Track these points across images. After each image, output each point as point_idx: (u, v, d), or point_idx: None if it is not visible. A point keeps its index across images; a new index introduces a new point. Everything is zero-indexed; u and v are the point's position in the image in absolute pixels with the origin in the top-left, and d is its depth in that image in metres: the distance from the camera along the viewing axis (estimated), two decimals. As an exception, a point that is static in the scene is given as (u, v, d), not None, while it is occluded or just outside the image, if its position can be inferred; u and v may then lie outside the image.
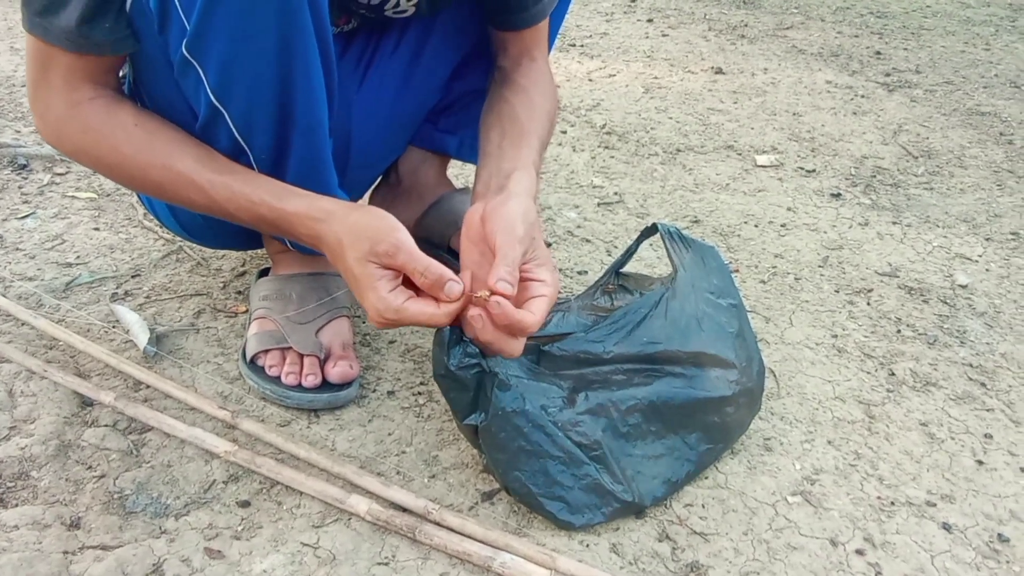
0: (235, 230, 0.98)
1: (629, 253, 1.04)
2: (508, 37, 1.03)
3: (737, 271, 1.31)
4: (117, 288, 1.16)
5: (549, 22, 1.05)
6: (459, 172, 1.50)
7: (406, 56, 1.05)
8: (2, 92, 1.81)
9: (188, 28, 0.74)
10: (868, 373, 1.10)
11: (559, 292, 0.80)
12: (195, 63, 0.77)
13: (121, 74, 0.89)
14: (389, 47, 1.04)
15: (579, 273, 1.27)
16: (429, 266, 0.74)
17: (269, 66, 0.78)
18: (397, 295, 0.75)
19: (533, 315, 0.73)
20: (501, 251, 0.75)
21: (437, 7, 0.98)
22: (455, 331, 0.81)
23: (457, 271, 0.76)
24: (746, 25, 2.63)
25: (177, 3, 0.73)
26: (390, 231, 0.76)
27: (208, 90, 0.79)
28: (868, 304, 1.25)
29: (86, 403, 0.93)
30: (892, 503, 0.88)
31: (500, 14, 0.99)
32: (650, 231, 1.01)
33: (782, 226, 1.46)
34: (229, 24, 0.73)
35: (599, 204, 1.50)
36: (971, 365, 1.13)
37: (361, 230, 0.77)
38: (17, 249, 1.24)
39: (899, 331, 1.19)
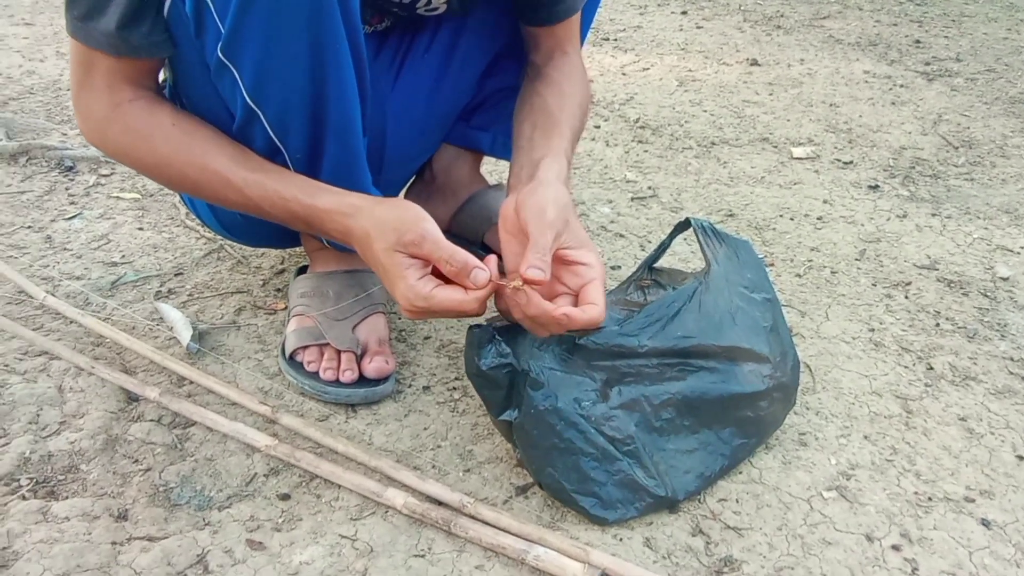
0: (273, 229, 1.00)
1: (662, 248, 1.04)
2: (540, 32, 1.03)
3: (772, 265, 1.30)
4: (161, 286, 1.19)
5: (581, 16, 1.05)
6: (492, 168, 1.51)
7: (439, 55, 1.06)
8: (48, 96, 1.85)
9: (223, 31, 0.75)
10: (906, 367, 1.08)
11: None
12: (230, 65, 0.79)
13: (162, 78, 0.91)
14: (422, 46, 1.05)
15: (613, 268, 1.27)
16: (454, 254, 0.74)
17: (302, 68, 0.79)
18: (426, 283, 0.75)
19: (596, 306, 0.75)
20: (532, 237, 0.76)
21: (469, 5, 0.99)
22: (486, 330, 0.82)
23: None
24: (782, 15, 2.59)
25: (212, 7, 0.74)
26: (416, 221, 0.77)
27: (244, 91, 0.81)
28: (906, 297, 1.23)
29: (132, 399, 0.95)
30: (929, 499, 0.87)
31: (532, 10, 0.99)
32: (683, 226, 1.01)
33: (818, 219, 1.44)
34: (262, 27, 0.75)
35: (633, 199, 1.49)
36: (1012, 359, 1.11)
37: (388, 222, 0.78)
38: (65, 249, 1.28)
39: (938, 324, 1.17)
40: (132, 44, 0.78)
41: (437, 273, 0.78)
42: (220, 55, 0.78)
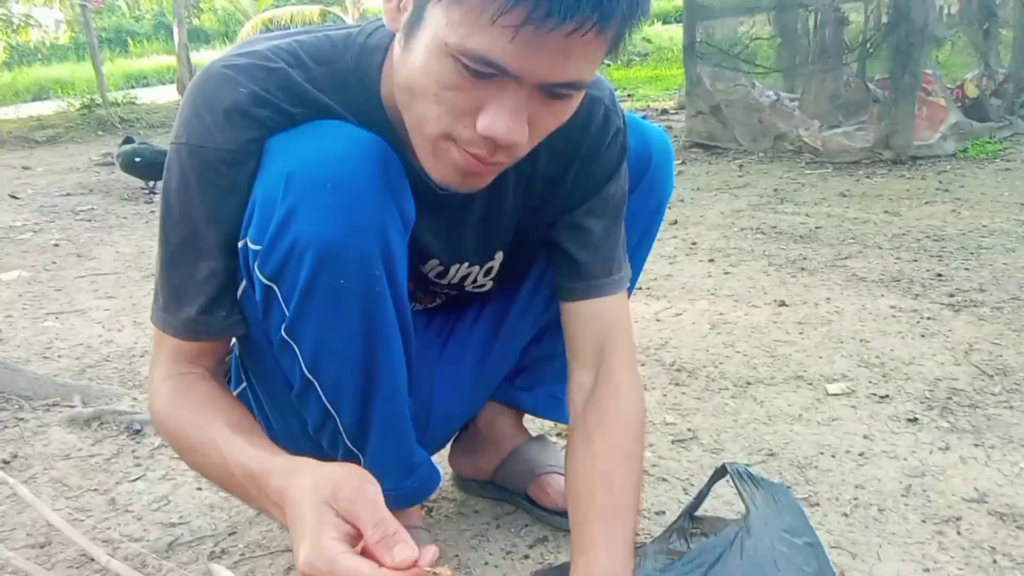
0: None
1: (702, 496, 1.05)
2: (584, 318, 0.98)
3: (818, 505, 1.28)
4: (215, 546, 1.20)
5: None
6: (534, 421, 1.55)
7: (485, 328, 1.10)
8: (123, 363, 1.97)
9: (287, 314, 0.82)
10: (968, 610, 1.03)
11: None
12: (292, 343, 0.85)
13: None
14: (469, 319, 1.11)
15: (656, 514, 1.26)
16: (387, 520, 0.67)
17: (355, 345, 0.85)
18: (337, 545, 0.65)
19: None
20: None
21: (516, 282, 1.05)
22: None
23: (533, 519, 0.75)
24: (805, 258, 2.71)
25: (279, 294, 0.81)
26: (362, 480, 0.69)
27: (302, 365, 0.86)
28: (959, 534, 1.19)
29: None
30: None
31: (578, 281, 0.97)
32: (720, 472, 1.03)
33: (860, 455, 1.43)
34: (322, 311, 0.81)
35: (673, 442, 1.50)
36: (1081, 599, 1.05)
37: (333, 476, 0.70)
38: (127, 511, 1.31)
39: (995, 561, 1.12)
40: (209, 328, 0.85)
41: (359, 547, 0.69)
42: (283, 334, 0.84)
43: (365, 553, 0.66)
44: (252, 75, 0.78)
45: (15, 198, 4.52)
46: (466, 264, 1.00)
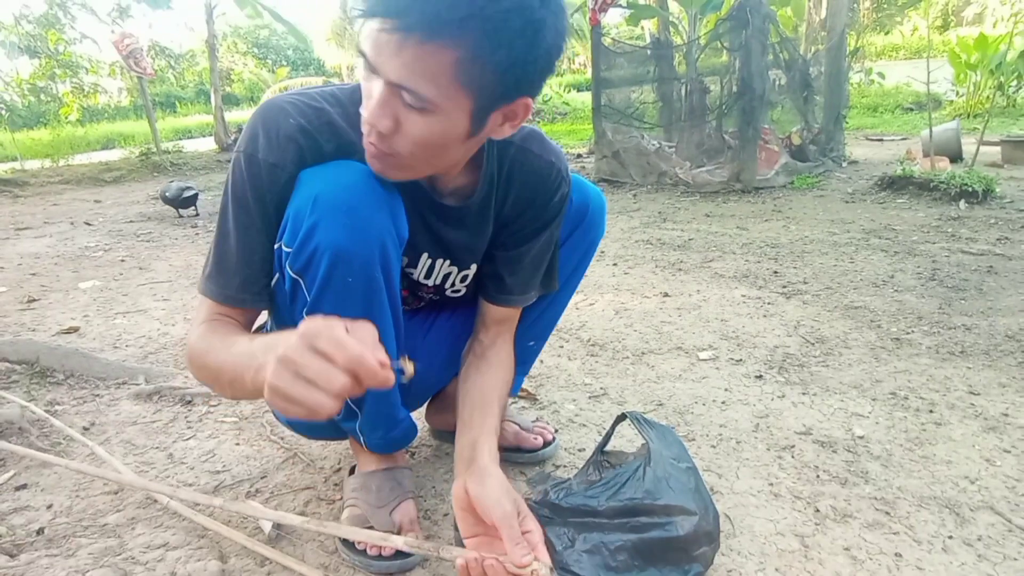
0: (322, 425, 1.01)
1: (607, 437, 1.06)
2: (496, 310, 1.01)
3: (694, 440, 1.30)
4: (251, 487, 1.18)
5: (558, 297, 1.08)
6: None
7: (454, 322, 1.09)
8: (176, 350, 1.91)
9: (309, 300, 0.81)
10: (799, 511, 1.06)
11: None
12: None
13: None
14: (444, 316, 1.09)
15: (579, 451, 1.27)
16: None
17: None
18: (340, 325, 0.57)
19: (544, 564, 0.70)
20: (506, 532, 0.71)
21: (473, 295, 1.04)
22: None
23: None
24: (681, 262, 2.75)
25: (303, 285, 0.80)
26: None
27: None
28: (792, 457, 1.23)
29: (226, 579, 0.92)
30: (831, 618, 0.83)
31: (499, 293, 0.99)
32: (621, 418, 1.04)
33: (722, 403, 1.46)
34: (333, 300, 0.80)
35: (589, 397, 1.52)
36: (876, 498, 1.09)
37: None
38: (181, 463, 1.27)
39: (818, 476, 1.16)
40: (242, 300, 0.82)
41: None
42: (305, 315, 0.82)
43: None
44: (302, 111, 0.79)
45: (89, 225, 4.33)
46: (448, 262, 0.98)
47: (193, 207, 4.48)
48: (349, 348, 0.56)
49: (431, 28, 0.60)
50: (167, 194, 4.42)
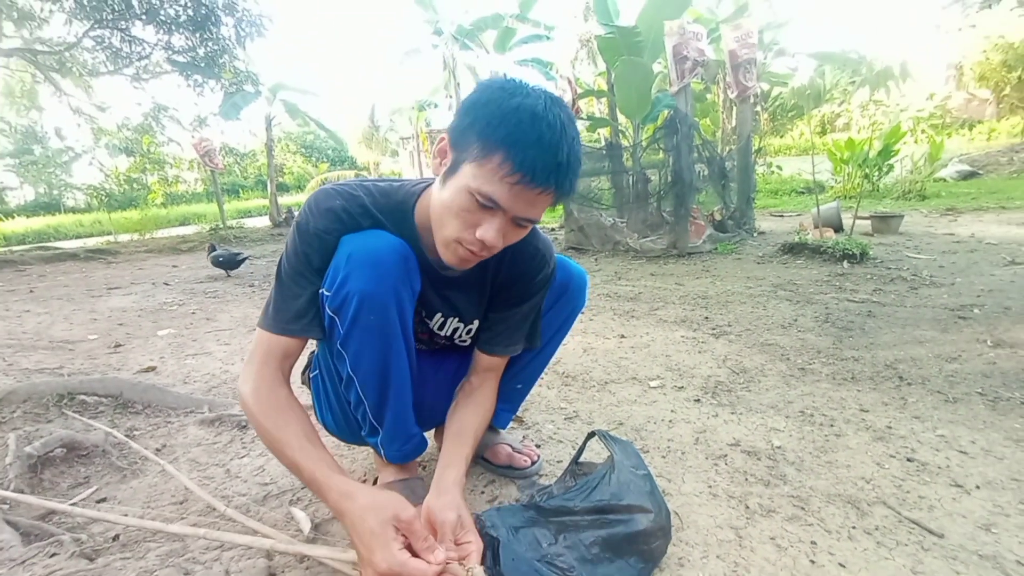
0: (353, 435, 0.99)
1: (580, 451, 1.04)
2: (486, 357, 1.01)
3: (647, 452, 1.28)
4: (293, 496, 1.14)
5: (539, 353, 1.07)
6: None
7: (460, 362, 1.07)
8: (235, 385, 1.87)
9: (341, 334, 0.81)
10: (733, 508, 1.04)
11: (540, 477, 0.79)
12: (343, 352, 0.83)
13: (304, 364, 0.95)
14: (453, 357, 1.07)
15: (557, 462, 1.24)
16: (428, 535, 0.70)
17: (379, 355, 0.84)
18: (403, 553, 0.68)
19: (480, 568, 0.72)
20: (440, 535, 0.75)
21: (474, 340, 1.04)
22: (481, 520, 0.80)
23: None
24: (633, 310, 2.76)
25: (338, 322, 0.80)
26: (406, 505, 0.71)
27: (348, 367, 0.84)
28: (726, 464, 1.21)
29: (272, 574, 0.88)
30: (763, 597, 0.81)
31: (490, 344, 0.99)
32: (591, 435, 1.03)
33: (669, 422, 1.45)
34: (360, 335, 0.81)
35: (564, 419, 1.50)
36: (793, 496, 1.08)
37: (386, 501, 0.71)
38: (236, 477, 1.23)
39: (747, 479, 1.15)
40: (293, 330, 0.81)
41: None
42: (338, 346, 0.83)
43: (414, 555, 0.67)
44: (344, 196, 0.82)
45: (167, 285, 4.29)
46: (457, 319, 0.98)
47: (238, 268, 4.51)
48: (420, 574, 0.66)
49: (563, 193, 0.70)
50: (220, 259, 4.41)
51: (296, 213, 0.96)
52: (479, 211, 0.71)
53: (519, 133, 0.67)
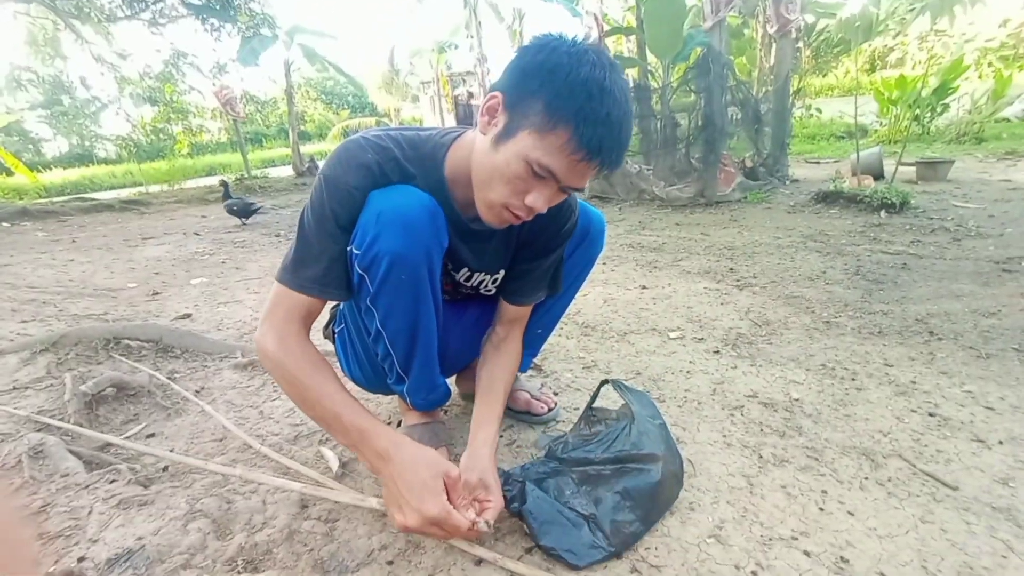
0: (378, 383, 1.01)
1: (593, 398, 1.06)
2: (511, 308, 1.01)
3: (664, 401, 1.30)
4: (323, 436, 1.19)
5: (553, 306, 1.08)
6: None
7: (486, 308, 1.07)
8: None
9: (371, 291, 0.81)
10: (746, 457, 1.06)
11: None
12: (373, 309, 0.84)
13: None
14: (476, 305, 1.07)
15: (575, 409, 1.26)
16: (466, 495, 0.75)
17: (408, 312, 0.85)
18: (449, 505, 0.72)
19: (488, 525, 0.76)
20: (463, 491, 0.77)
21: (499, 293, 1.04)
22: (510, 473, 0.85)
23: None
24: (656, 261, 2.72)
25: (367, 280, 0.80)
26: (454, 466, 0.76)
27: (378, 323, 0.86)
28: (742, 415, 1.22)
29: (304, 505, 0.94)
30: (770, 539, 0.83)
31: (513, 294, 1.00)
32: (603, 384, 1.04)
33: (687, 372, 1.45)
34: (390, 292, 0.81)
35: (583, 368, 1.51)
36: (807, 447, 1.08)
37: (434, 457, 0.75)
38: (269, 418, 1.30)
39: (761, 429, 1.15)
40: (312, 289, 0.79)
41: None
42: (368, 303, 0.84)
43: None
44: (376, 149, 0.80)
45: (198, 235, 4.40)
46: (483, 272, 0.98)
47: (251, 216, 4.64)
48: (453, 531, 0.72)
49: (616, 167, 0.71)
50: (235, 207, 4.51)
51: (320, 163, 0.94)
52: (532, 179, 0.71)
53: (588, 109, 0.66)
